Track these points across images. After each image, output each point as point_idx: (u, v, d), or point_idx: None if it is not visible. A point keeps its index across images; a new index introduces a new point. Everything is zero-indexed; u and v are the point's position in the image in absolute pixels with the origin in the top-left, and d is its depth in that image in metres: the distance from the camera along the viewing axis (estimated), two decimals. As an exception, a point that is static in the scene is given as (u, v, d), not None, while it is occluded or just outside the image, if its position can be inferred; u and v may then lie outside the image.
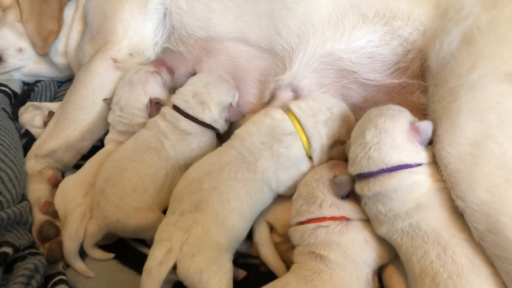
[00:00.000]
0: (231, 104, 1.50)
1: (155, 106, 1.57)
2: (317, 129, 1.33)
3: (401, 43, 1.42)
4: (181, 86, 1.56)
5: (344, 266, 1.17)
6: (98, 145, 1.69)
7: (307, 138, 1.32)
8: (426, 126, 1.17)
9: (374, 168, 1.15)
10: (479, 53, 1.19)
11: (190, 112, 1.45)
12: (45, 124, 1.75)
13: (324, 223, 1.22)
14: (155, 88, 1.60)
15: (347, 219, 1.23)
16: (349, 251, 1.18)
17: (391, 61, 1.43)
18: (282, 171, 1.30)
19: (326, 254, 1.18)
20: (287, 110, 1.38)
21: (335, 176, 1.27)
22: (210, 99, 1.46)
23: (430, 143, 1.20)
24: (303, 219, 1.25)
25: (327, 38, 1.48)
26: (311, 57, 1.50)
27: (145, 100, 1.57)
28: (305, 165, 1.33)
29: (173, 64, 1.70)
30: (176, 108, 1.48)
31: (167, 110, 1.49)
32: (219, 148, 1.37)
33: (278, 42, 1.55)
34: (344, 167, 1.30)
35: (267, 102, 1.55)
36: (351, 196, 1.25)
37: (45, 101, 2.01)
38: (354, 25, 1.47)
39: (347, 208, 1.23)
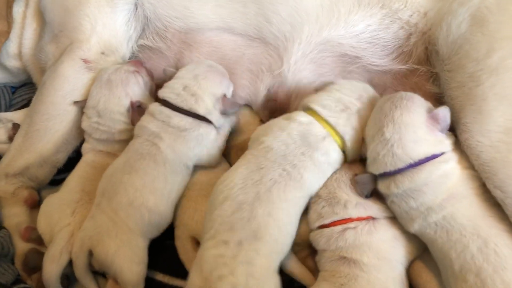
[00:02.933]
0: (225, 96, 1.38)
1: (137, 110, 1.42)
2: (351, 125, 1.23)
3: (402, 26, 1.36)
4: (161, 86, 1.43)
5: (380, 268, 1.12)
6: (73, 157, 1.54)
7: (341, 137, 1.23)
8: (444, 113, 1.13)
9: (400, 165, 1.10)
10: (495, 34, 1.16)
11: (183, 105, 1.32)
12: (11, 138, 1.56)
13: (351, 224, 1.16)
14: (136, 90, 1.44)
15: (373, 218, 1.18)
16: (382, 250, 1.14)
17: (393, 45, 1.37)
18: (323, 178, 1.23)
19: (359, 258, 1.13)
20: (307, 109, 1.28)
21: (355, 175, 1.21)
22: (202, 91, 1.34)
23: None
24: (326, 221, 1.19)
25: (322, 24, 1.40)
26: (307, 46, 1.41)
27: (127, 103, 1.42)
28: (340, 163, 1.25)
29: (152, 64, 1.55)
30: (165, 103, 1.34)
31: (155, 108, 1.35)
32: (252, 158, 1.23)
33: (268, 30, 1.45)
34: (361, 164, 1.25)
35: (265, 100, 1.45)
36: (374, 194, 1.20)
37: (-1, 110, 1.80)
38: (350, 9, 1.39)
39: (373, 207, 1.18)
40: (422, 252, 1.19)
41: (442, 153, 1.10)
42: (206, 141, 1.34)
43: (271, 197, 1.15)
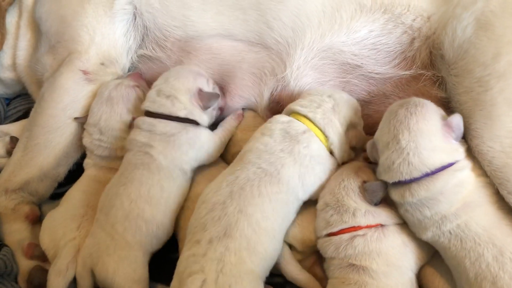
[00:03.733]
0: (200, 90, 1.36)
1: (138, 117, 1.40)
2: (328, 118, 1.27)
3: (405, 31, 1.35)
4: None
5: (389, 274, 1.12)
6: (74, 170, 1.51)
7: (322, 131, 1.26)
8: (458, 121, 1.13)
9: (417, 174, 1.09)
10: (501, 38, 1.16)
11: (161, 110, 1.32)
12: (9, 152, 1.52)
13: (360, 232, 1.15)
14: (137, 105, 1.43)
15: (382, 225, 1.17)
16: (391, 257, 1.13)
17: (396, 50, 1.36)
18: (307, 174, 1.22)
19: (369, 265, 1.12)
20: (290, 113, 1.31)
21: (364, 182, 1.20)
22: (175, 90, 1.33)
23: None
24: (334, 229, 1.18)
25: (324, 30, 1.39)
26: (309, 52, 1.40)
27: (128, 119, 1.41)
28: (329, 162, 1.26)
29: (152, 75, 1.52)
30: (148, 113, 1.34)
31: (140, 120, 1.34)
32: (232, 166, 1.25)
33: (270, 36, 1.44)
34: (369, 170, 1.24)
35: (268, 103, 1.45)
36: (382, 200, 1.19)
37: (-7, 123, 1.77)
38: (352, 15, 1.38)
39: (382, 215, 1.17)
40: (432, 258, 1.19)
41: (457, 161, 1.10)
42: (200, 143, 1.33)
43: (243, 193, 1.16)
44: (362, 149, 1.33)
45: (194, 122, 1.33)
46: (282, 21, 1.42)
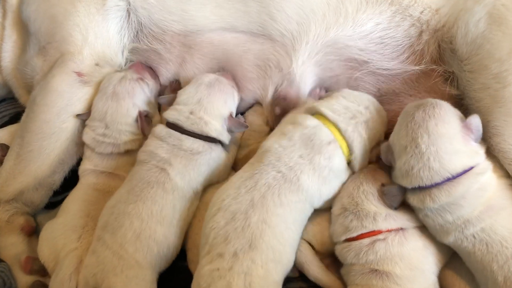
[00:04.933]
0: (231, 115, 1.33)
1: (145, 119, 1.37)
2: (359, 133, 1.19)
3: (413, 23, 1.32)
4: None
5: (413, 279, 1.09)
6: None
7: (348, 144, 1.19)
8: (477, 122, 1.09)
9: (438, 179, 1.05)
10: None
11: (193, 128, 1.27)
12: (0, 161, 1.43)
13: (380, 236, 1.12)
14: (143, 99, 1.39)
15: (402, 228, 1.13)
16: (414, 260, 1.10)
17: (404, 44, 1.32)
18: (325, 185, 1.17)
19: (392, 270, 1.09)
20: (315, 113, 1.23)
21: (382, 185, 1.16)
22: (208, 116, 1.29)
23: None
24: (354, 234, 1.14)
25: (329, 23, 1.35)
26: (314, 46, 1.36)
27: (134, 113, 1.36)
28: (345, 175, 1.21)
29: (151, 66, 1.47)
30: (173, 126, 1.28)
31: (163, 130, 1.28)
32: (248, 167, 1.20)
33: (274, 28, 1.39)
34: (386, 172, 1.21)
35: (273, 97, 1.40)
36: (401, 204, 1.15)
37: (-21, 129, 1.66)
38: (357, 7, 1.34)
39: (403, 218, 1.14)
40: (450, 260, 1.16)
41: (478, 164, 1.07)
42: (217, 164, 1.29)
43: (266, 203, 1.11)
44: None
45: (220, 142, 1.30)
46: (286, 13, 1.37)
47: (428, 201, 1.07)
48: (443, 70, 1.28)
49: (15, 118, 1.70)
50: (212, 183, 1.31)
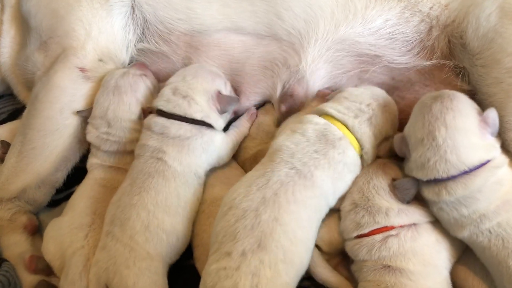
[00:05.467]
0: (219, 92, 1.30)
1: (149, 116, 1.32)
2: (364, 130, 1.19)
3: (423, 19, 1.31)
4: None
5: (426, 274, 1.08)
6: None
7: (358, 140, 1.18)
8: (494, 116, 1.09)
9: (454, 172, 1.04)
10: None
11: (176, 110, 1.25)
12: (1, 158, 1.41)
13: (393, 232, 1.11)
14: (146, 94, 1.35)
15: (414, 223, 1.12)
16: (427, 256, 1.09)
17: (414, 40, 1.32)
18: (339, 180, 1.15)
19: (405, 266, 1.08)
20: (322, 114, 1.23)
21: (393, 179, 1.15)
22: (192, 90, 1.27)
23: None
24: (365, 231, 1.13)
25: (338, 21, 1.34)
26: (324, 44, 1.35)
27: (137, 109, 1.33)
28: (358, 170, 1.19)
29: (157, 68, 1.45)
30: (160, 113, 1.26)
31: (150, 120, 1.26)
32: (260, 165, 1.17)
33: (281, 27, 1.38)
34: (395, 166, 1.20)
35: (280, 95, 1.39)
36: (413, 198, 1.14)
37: (-23, 126, 1.63)
38: (366, 4, 1.33)
39: (415, 213, 1.13)
40: (463, 255, 1.15)
41: (494, 158, 1.06)
42: (213, 147, 1.27)
43: (278, 200, 1.08)
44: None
45: (209, 126, 1.26)
46: (294, 12, 1.36)
47: (444, 194, 1.06)
48: (454, 65, 1.28)
49: (13, 115, 1.68)
50: (215, 166, 1.29)
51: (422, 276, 1.07)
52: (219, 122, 1.30)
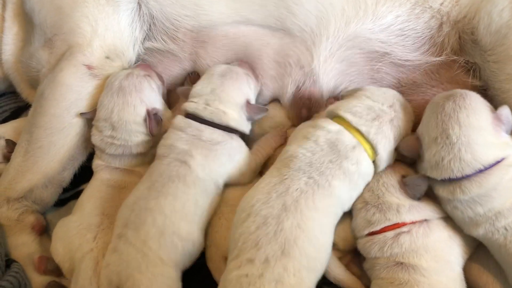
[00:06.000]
0: (248, 102, 1.30)
1: (154, 118, 1.30)
2: (384, 134, 1.16)
3: (433, 15, 1.30)
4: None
5: (439, 270, 1.08)
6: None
7: (372, 146, 1.16)
8: (507, 113, 1.08)
9: (469, 171, 1.04)
10: None
11: (212, 117, 1.25)
12: (7, 157, 1.39)
13: (404, 228, 1.11)
14: (151, 96, 1.33)
15: (426, 220, 1.12)
16: (440, 252, 1.09)
17: (425, 36, 1.31)
18: (355, 190, 1.15)
19: (418, 262, 1.08)
20: (335, 116, 1.20)
21: (403, 176, 1.15)
22: (224, 105, 1.26)
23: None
24: (377, 228, 1.13)
25: (349, 17, 1.33)
26: (335, 41, 1.33)
27: (143, 111, 1.30)
28: (371, 176, 1.18)
29: (164, 68, 1.43)
30: (192, 117, 1.25)
31: (182, 121, 1.25)
32: (275, 171, 1.15)
33: (292, 22, 1.36)
34: (405, 164, 1.20)
35: (294, 97, 1.37)
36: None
37: (-21, 124, 1.61)
38: (377, 0, 1.32)
39: (426, 209, 1.13)
40: (475, 252, 1.15)
41: (509, 155, 1.05)
42: (239, 156, 1.26)
43: (299, 207, 1.07)
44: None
45: (239, 133, 1.27)
46: (304, 7, 1.34)
47: (459, 193, 1.05)
48: (464, 61, 1.27)
49: (16, 113, 1.66)
50: (233, 182, 1.27)
51: (435, 272, 1.07)
52: (248, 128, 1.31)
